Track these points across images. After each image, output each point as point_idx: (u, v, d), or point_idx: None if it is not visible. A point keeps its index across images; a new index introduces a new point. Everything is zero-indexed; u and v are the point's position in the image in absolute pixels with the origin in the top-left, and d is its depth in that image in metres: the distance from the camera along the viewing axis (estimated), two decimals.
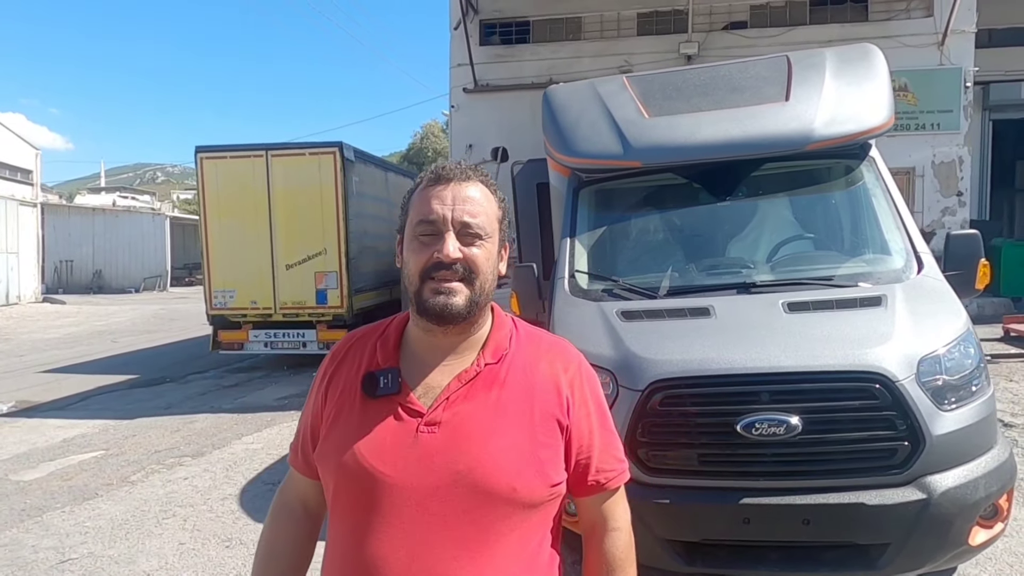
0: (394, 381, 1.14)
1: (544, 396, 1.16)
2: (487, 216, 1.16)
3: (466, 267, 1.12)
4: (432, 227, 1.12)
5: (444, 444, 1.09)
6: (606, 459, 1.22)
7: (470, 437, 1.09)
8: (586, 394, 1.22)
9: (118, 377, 10.10)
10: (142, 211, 34.08)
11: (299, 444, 1.27)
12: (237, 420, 7.30)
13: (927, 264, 3.24)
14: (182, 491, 5.09)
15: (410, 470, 1.08)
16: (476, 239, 1.13)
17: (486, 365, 1.16)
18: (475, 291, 1.13)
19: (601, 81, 4.49)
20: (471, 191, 1.15)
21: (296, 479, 1.29)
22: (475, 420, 1.11)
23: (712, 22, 11.83)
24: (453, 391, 1.13)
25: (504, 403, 1.13)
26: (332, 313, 9.60)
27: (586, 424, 1.19)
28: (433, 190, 1.15)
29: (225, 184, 9.66)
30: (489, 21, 12.57)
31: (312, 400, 1.25)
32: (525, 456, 1.10)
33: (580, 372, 1.23)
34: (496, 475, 1.07)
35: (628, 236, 4.05)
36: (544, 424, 1.14)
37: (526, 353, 1.20)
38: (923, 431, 2.52)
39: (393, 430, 1.11)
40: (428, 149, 47.08)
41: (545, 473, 1.12)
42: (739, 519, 2.61)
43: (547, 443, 1.14)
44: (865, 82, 3.85)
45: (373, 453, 1.09)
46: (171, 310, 20.52)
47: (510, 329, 1.23)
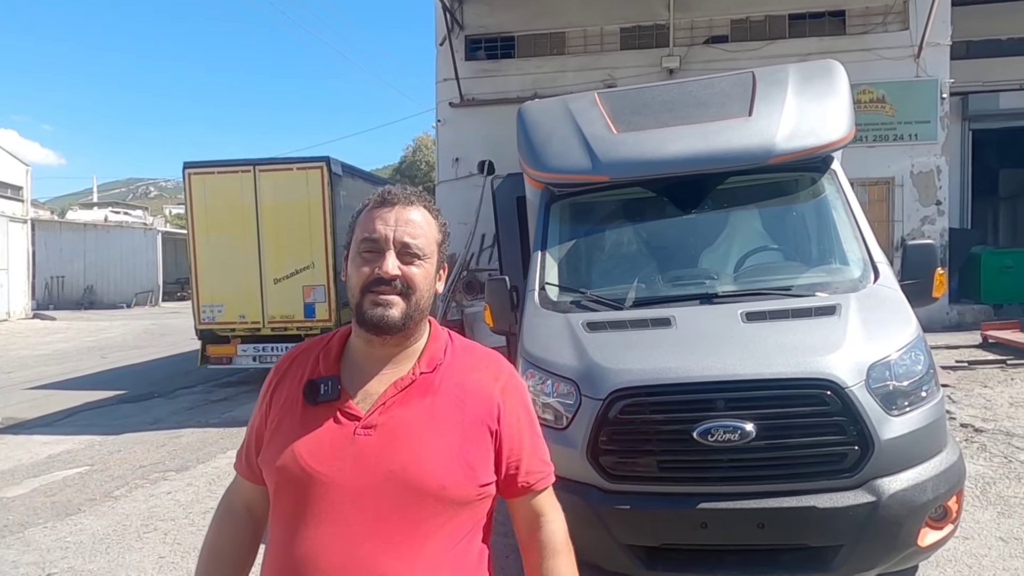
0: (334, 388, 1.22)
1: (475, 403, 1.25)
2: (426, 239, 1.25)
3: (404, 283, 1.21)
4: (375, 245, 1.21)
5: (379, 445, 1.17)
6: (534, 462, 1.30)
7: (403, 439, 1.17)
8: (516, 402, 1.31)
9: (106, 393, 10.11)
10: (134, 226, 34.06)
11: (244, 450, 1.35)
12: (223, 434, 7.33)
13: (883, 274, 3.34)
14: (164, 505, 5.13)
15: (347, 470, 1.15)
16: (415, 259, 1.22)
17: (421, 374, 1.24)
18: (411, 306, 1.21)
19: (573, 98, 4.61)
20: (413, 215, 1.24)
21: (241, 484, 1.37)
22: (409, 424, 1.19)
23: (693, 36, 12.02)
24: (389, 397, 1.21)
25: (437, 409, 1.22)
26: (320, 326, 9.62)
27: (516, 429, 1.28)
28: (378, 211, 1.24)
29: (213, 199, 9.71)
30: (474, 36, 12.73)
31: (258, 409, 1.33)
32: (455, 457, 1.18)
33: (511, 382, 1.32)
34: (427, 474, 1.15)
35: (597, 249, 4.15)
36: (475, 429, 1.23)
37: (460, 364, 1.29)
38: (872, 435, 2.61)
39: (331, 433, 1.19)
40: (421, 162, 47.17)
41: (474, 473, 1.20)
42: (697, 523, 2.68)
43: (477, 446, 1.22)
44: (826, 97, 3.97)
45: (311, 454, 1.17)
46: (162, 325, 20.51)
47: (445, 341, 1.32)
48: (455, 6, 12.41)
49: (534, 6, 12.28)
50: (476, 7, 12.56)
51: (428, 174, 44.49)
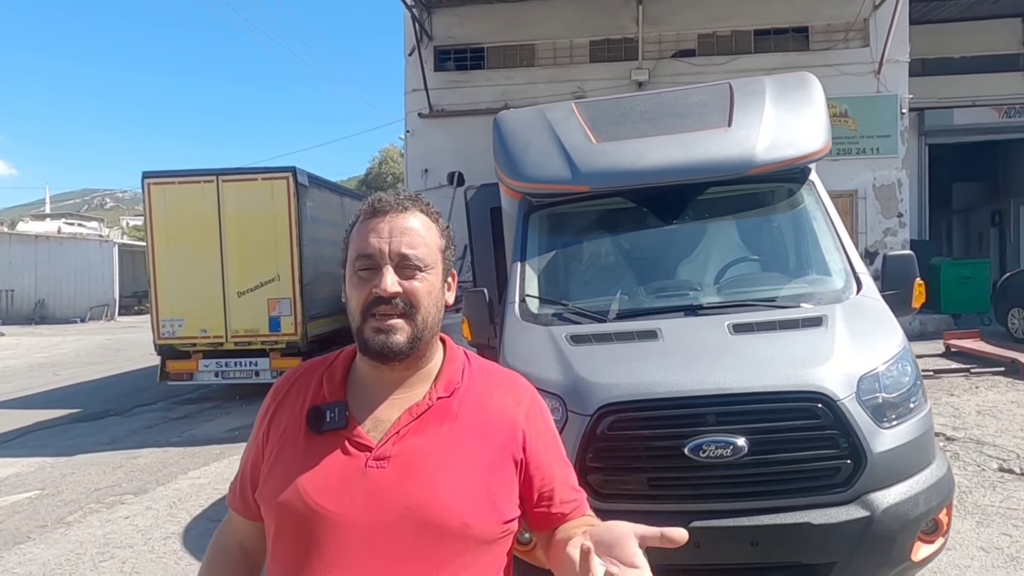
0: (341, 415, 1.10)
1: (498, 430, 1.13)
2: (427, 247, 1.12)
3: (406, 301, 1.08)
4: (370, 261, 1.09)
5: (394, 479, 1.05)
6: (566, 491, 1.19)
7: (421, 472, 1.05)
8: (541, 427, 1.20)
9: (58, 412, 9.66)
10: (89, 238, 33.01)
11: (238, 484, 1.22)
12: (184, 454, 7.04)
13: (865, 284, 3.33)
14: (122, 531, 4.86)
15: (357, 507, 1.03)
16: (416, 271, 1.10)
17: (438, 399, 1.13)
18: (417, 326, 1.09)
19: (550, 107, 4.54)
20: (409, 222, 1.12)
21: (235, 521, 1.24)
22: (426, 454, 1.07)
23: (661, 50, 12.15)
24: (404, 425, 1.09)
25: (456, 437, 1.10)
26: (286, 340, 9.40)
27: (545, 458, 1.17)
28: (370, 223, 1.11)
29: (174, 210, 9.44)
30: (443, 47, 12.67)
31: (254, 437, 1.20)
32: (479, 491, 1.07)
33: (534, 405, 1.21)
34: (448, 510, 1.03)
35: (578, 260, 4.07)
36: (498, 459, 1.11)
37: (479, 386, 1.18)
38: (864, 449, 2.57)
39: (340, 466, 1.06)
40: (387, 174, 46.97)
41: (499, 509, 1.08)
42: (689, 543, 2.58)
43: (501, 478, 1.11)
44: (803, 109, 3.97)
45: (317, 490, 1.05)
46: (118, 340, 19.83)
47: (462, 362, 1.20)
48: (424, 17, 12.34)
49: (503, 18, 12.29)
50: (445, 18, 12.51)
51: (394, 185, 44.27)
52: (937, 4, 13.04)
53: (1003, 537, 3.86)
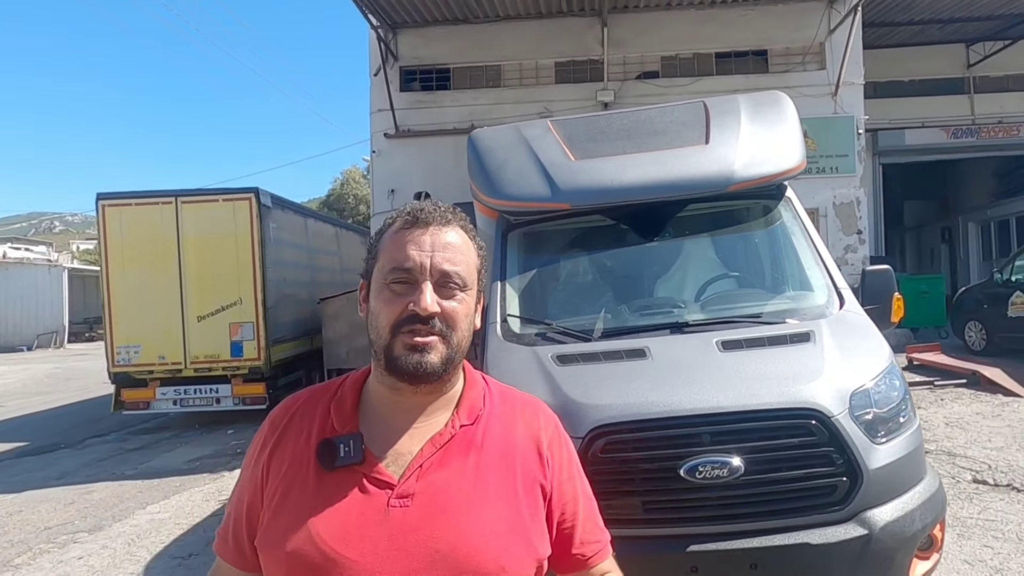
0: (356, 448, 0.99)
1: (525, 459, 1.05)
2: (467, 265, 1.04)
3: (444, 322, 0.99)
4: (407, 275, 1.00)
5: (419, 519, 0.95)
6: (590, 529, 1.11)
7: (448, 510, 0.96)
8: (565, 458, 1.11)
9: (4, 445, 9.17)
10: (37, 262, 31.75)
11: (230, 529, 1.08)
12: (142, 487, 6.70)
13: (848, 299, 3.33)
14: (76, 573, 4.55)
15: (381, 553, 0.93)
16: (455, 291, 1.01)
17: (461, 427, 1.04)
18: (451, 348, 1.01)
19: (526, 125, 4.50)
20: (451, 236, 1.03)
21: (224, 570, 1.10)
22: (453, 490, 0.98)
23: (626, 72, 12.32)
24: (426, 457, 1.00)
25: (483, 469, 1.01)
26: (248, 366, 9.13)
27: (569, 489, 1.09)
28: (410, 234, 1.02)
29: (130, 233, 9.14)
30: (409, 68, 12.63)
31: (249, 476, 1.06)
32: (512, 529, 0.98)
33: (558, 433, 1.13)
34: (482, 553, 0.94)
35: (559, 278, 4.01)
36: (527, 491, 1.03)
37: (501, 413, 1.09)
38: (860, 465, 2.53)
39: (358, 506, 0.96)
40: (348, 195, 46.51)
41: (533, 547, 1.00)
42: (687, 568, 2.52)
43: (532, 512, 1.02)
44: (778, 126, 4.01)
45: (335, 535, 0.94)
46: (68, 368, 19.02)
47: (483, 387, 1.12)
48: (390, 37, 12.30)
49: (469, 39, 12.32)
50: (411, 38, 12.48)
51: (356, 207, 43.85)
52: (888, 30, 13.56)
53: (985, 549, 3.88)
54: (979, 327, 10.87)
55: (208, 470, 7.21)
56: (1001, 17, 13.15)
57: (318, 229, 12.24)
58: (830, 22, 11.70)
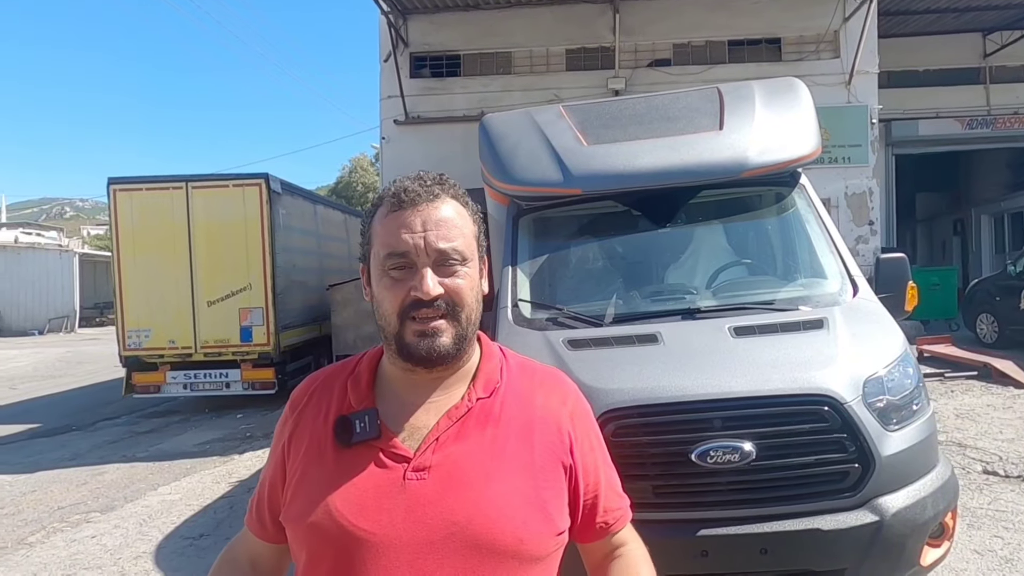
0: (372, 424, 0.99)
1: (544, 433, 1.04)
2: (464, 237, 1.01)
3: (449, 301, 0.98)
4: (403, 260, 0.98)
5: (436, 492, 0.95)
6: (611, 497, 1.11)
7: (466, 483, 0.95)
8: (587, 429, 1.10)
9: (16, 427, 9.26)
10: (48, 248, 31.96)
11: (255, 503, 1.11)
12: (152, 469, 6.76)
13: (861, 287, 3.31)
14: (89, 551, 4.61)
15: (398, 524, 0.93)
16: (456, 266, 0.99)
17: (478, 400, 1.02)
18: (461, 326, 0.99)
19: (538, 110, 4.48)
20: (442, 211, 1.00)
21: (249, 539, 1.12)
22: (470, 463, 0.97)
23: (637, 59, 12.22)
24: (442, 431, 0.99)
25: (501, 442, 1.00)
26: (258, 351, 9.18)
27: (591, 461, 1.08)
28: (399, 216, 0.99)
29: (141, 218, 9.17)
30: (419, 54, 12.57)
31: (272, 456, 1.08)
32: (529, 501, 0.97)
33: (579, 406, 1.12)
34: (499, 525, 0.93)
35: (570, 264, 3.99)
36: (546, 465, 1.02)
37: (519, 385, 1.07)
38: (872, 452, 2.52)
39: (375, 480, 0.96)
40: (357, 183, 46.56)
41: (552, 521, 0.99)
42: (697, 552, 2.52)
43: (552, 486, 1.01)
44: (793, 113, 3.97)
45: (352, 509, 0.94)
46: (79, 352, 19.18)
47: (499, 359, 1.10)
48: (400, 23, 12.23)
49: (479, 25, 12.24)
50: (421, 24, 12.41)
51: (364, 195, 43.85)
52: (903, 18, 13.37)
53: (995, 539, 3.86)
54: (991, 319, 10.79)
55: (218, 453, 7.27)
56: (1019, 6, 12.95)
57: (327, 216, 12.26)
58: (845, 10, 11.54)
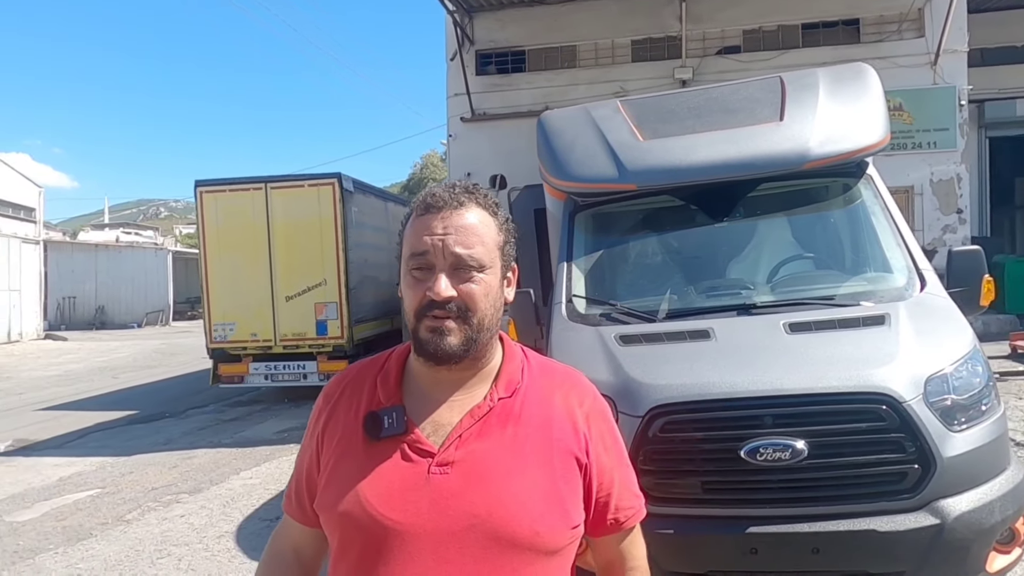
0: (399, 420, 1.06)
1: (561, 431, 1.09)
2: (484, 246, 1.06)
3: (461, 305, 1.04)
4: (423, 260, 1.05)
5: (459, 486, 1.02)
6: (625, 496, 1.15)
7: (487, 478, 1.02)
8: (603, 428, 1.15)
9: (117, 413, 10.01)
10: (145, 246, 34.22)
11: (294, 489, 1.20)
12: (236, 455, 7.20)
13: (930, 281, 3.18)
14: (178, 529, 4.98)
15: (423, 515, 1.00)
16: (472, 272, 1.04)
17: (499, 399, 1.09)
18: (472, 328, 1.04)
19: (595, 106, 4.49)
20: (466, 218, 1.06)
21: (290, 525, 1.22)
22: (491, 459, 1.04)
23: (706, 47, 11.95)
24: (466, 428, 1.05)
25: (521, 440, 1.06)
26: (332, 344, 9.55)
27: (605, 460, 1.13)
28: (424, 220, 1.06)
29: (225, 217, 9.70)
30: (485, 51, 12.72)
31: (307, 444, 1.17)
32: (547, 497, 1.03)
33: (596, 405, 1.17)
34: (517, 519, 1.00)
35: (625, 259, 4.00)
36: (563, 461, 1.08)
37: (540, 386, 1.13)
38: (933, 453, 2.44)
39: (402, 473, 1.03)
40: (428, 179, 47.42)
41: (567, 514, 1.05)
42: (746, 549, 2.51)
43: (568, 481, 1.07)
44: (859, 100, 3.83)
45: (380, 499, 1.02)
46: (173, 344, 20.47)
47: (521, 360, 1.16)
48: (466, 21, 12.41)
49: (544, 20, 12.27)
50: (486, 22, 12.56)
51: None
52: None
53: None
54: None
55: (295, 441, 7.65)
56: None
57: (397, 212, 12.60)
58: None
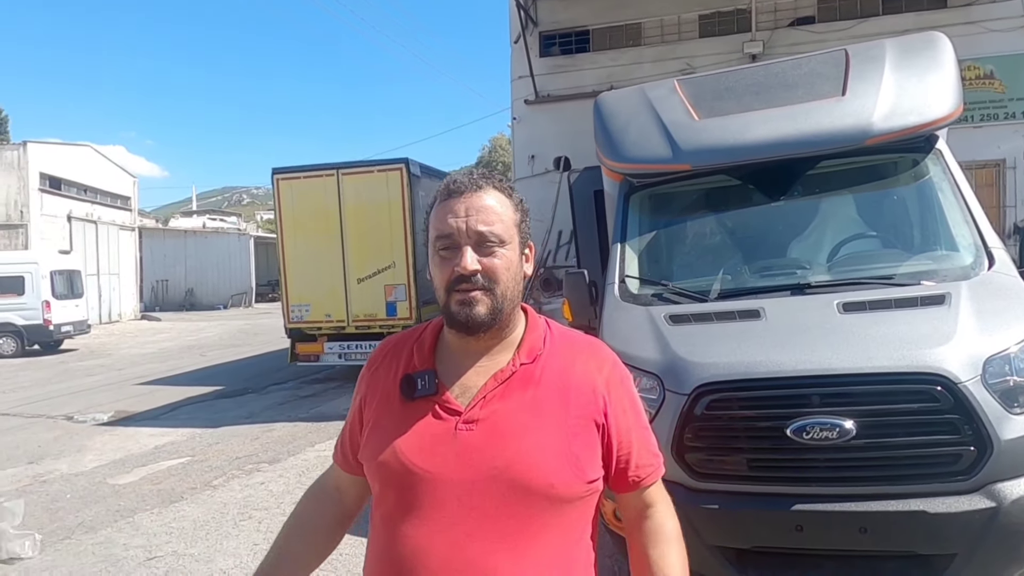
0: (431, 382, 1.19)
1: (579, 395, 1.19)
2: (503, 223, 1.18)
3: (486, 277, 1.15)
4: (449, 241, 1.16)
5: (482, 441, 1.13)
6: (643, 455, 1.24)
7: (507, 434, 1.13)
8: (622, 393, 1.25)
9: (205, 388, 10.72)
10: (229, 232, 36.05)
11: (340, 442, 1.36)
12: (311, 428, 7.61)
13: (999, 259, 3.06)
14: (258, 495, 5.36)
15: (449, 466, 1.12)
16: (494, 247, 1.16)
17: (521, 365, 1.19)
18: (497, 299, 1.16)
19: (651, 86, 4.48)
20: (485, 200, 1.18)
21: (336, 471, 1.38)
22: (512, 418, 1.14)
23: (777, 19, 11.49)
24: (490, 390, 1.17)
25: (540, 401, 1.16)
26: (402, 324, 9.83)
27: (623, 423, 1.22)
28: (447, 204, 1.18)
29: (300, 203, 10.12)
30: (548, 32, 12.66)
31: (354, 404, 1.32)
32: (561, 452, 1.13)
33: (615, 371, 1.26)
34: (534, 470, 1.11)
35: (679, 240, 4.01)
36: (579, 422, 1.17)
37: (560, 354, 1.23)
38: (990, 435, 2.39)
39: (432, 429, 1.15)
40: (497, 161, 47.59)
41: (581, 469, 1.15)
42: (792, 526, 2.54)
43: (583, 440, 1.17)
44: (929, 72, 3.67)
45: (413, 450, 1.14)
46: (255, 325, 21.56)
47: (543, 330, 1.27)
48: (529, 3, 12.38)
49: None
50: (550, 3, 12.48)
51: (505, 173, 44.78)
52: None
53: None
54: None
55: None
56: None
57: None
58: None
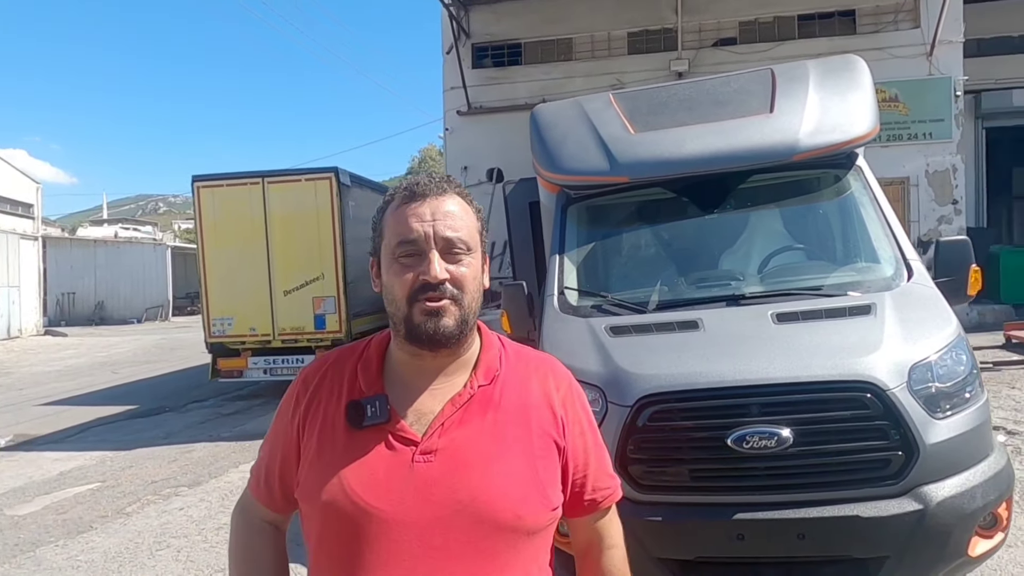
0: (382, 409, 1.07)
1: (539, 416, 1.12)
2: (468, 229, 1.09)
3: (454, 286, 1.06)
4: (413, 247, 1.06)
5: (443, 473, 1.03)
6: (600, 477, 1.19)
7: (469, 464, 1.04)
8: (579, 412, 1.18)
9: (117, 408, 10.06)
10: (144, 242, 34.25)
11: (262, 473, 1.18)
12: (235, 448, 7.24)
13: (917, 271, 3.22)
14: (177, 522, 5.03)
15: (408, 503, 1.02)
16: (461, 255, 1.07)
17: (479, 387, 1.11)
18: (464, 310, 1.07)
19: (587, 99, 4.52)
20: (450, 205, 1.09)
21: (254, 507, 1.21)
22: (473, 446, 1.06)
23: (702, 39, 11.95)
24: (447, 416, 1.07)
25: (501, 426, 1.08)
26: (331, 338, 9.55)
27: (581, 443, 1.16)
28: (409, 207, 1.08)
29: (222, 212, 9.69)
30: (481, 44, 12.72)
31: (285, 429, 1.15)
32: (527, 481, 1.06)
33: (571, 390, 1.20)
34: (500, 503, 1.03)
35: (617, 252, 4.04)
36: (542, 446, 1.10)
37: (517, 372, 1.16)
38: (917, 440, 2.48)
39: (386, 461, 1.04)
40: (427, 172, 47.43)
41: (547, 497, 1.08)
42: (733, 535, 2.56)
43: (546, 465, 1.10)
44: (849, 92, 3.86)
45: (365, 487, 1.03)
46: (172, 339, 20.50)
47: (499, 348, 1.18)
48: (461, 15, 12.40)
49: (541, 13, 12.26)
50: (483, 15, 12.55)
51: None
52: None
53: None
54: None
55: None
56: None
57: None
58: None
